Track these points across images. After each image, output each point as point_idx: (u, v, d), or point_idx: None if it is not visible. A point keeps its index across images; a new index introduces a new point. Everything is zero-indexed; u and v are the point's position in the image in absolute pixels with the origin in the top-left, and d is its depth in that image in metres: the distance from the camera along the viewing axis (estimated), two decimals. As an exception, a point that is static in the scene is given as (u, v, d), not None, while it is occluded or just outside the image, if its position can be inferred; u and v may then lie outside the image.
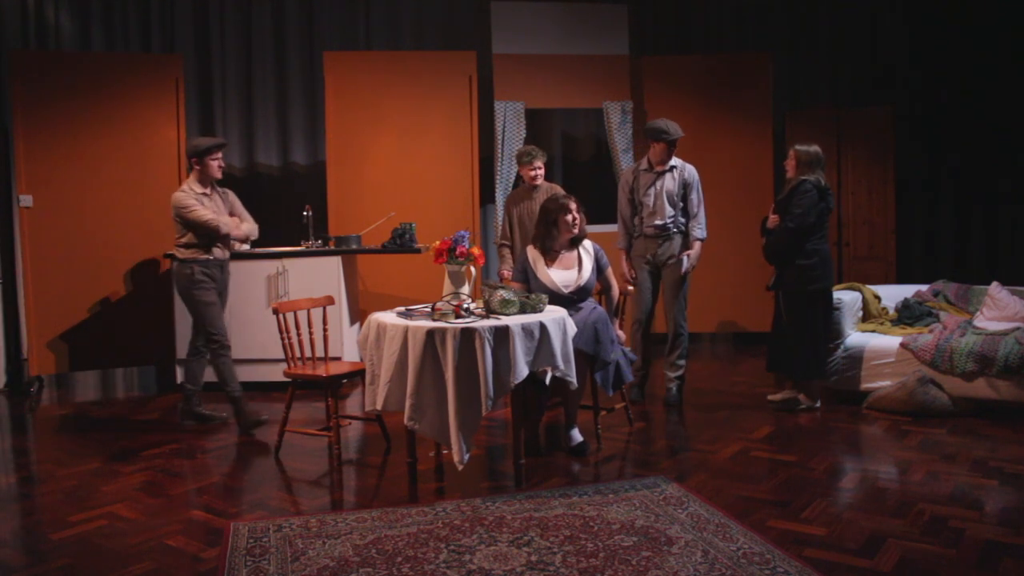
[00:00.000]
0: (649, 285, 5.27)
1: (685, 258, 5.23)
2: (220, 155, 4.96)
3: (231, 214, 5.07)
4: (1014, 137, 7.65)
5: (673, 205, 5.19)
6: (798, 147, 4.95)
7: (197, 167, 4.92)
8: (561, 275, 4.42)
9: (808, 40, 8.08)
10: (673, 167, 5.20)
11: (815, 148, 4.92)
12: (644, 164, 5.25)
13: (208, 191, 4.95)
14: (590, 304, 4.41)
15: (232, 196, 5.15)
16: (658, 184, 5.18)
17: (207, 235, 4.87)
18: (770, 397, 5.22)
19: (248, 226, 5.08)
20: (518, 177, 6.01)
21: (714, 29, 8.09)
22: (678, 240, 5.23)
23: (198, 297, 4.90)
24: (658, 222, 5.18)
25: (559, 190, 5.45)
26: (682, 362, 5.30)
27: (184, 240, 4.91)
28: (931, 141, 8.00)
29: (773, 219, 4.98)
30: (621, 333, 4.59)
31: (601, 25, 7.22)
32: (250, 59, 7.28)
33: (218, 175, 4.96)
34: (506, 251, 5.52)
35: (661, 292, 5.32)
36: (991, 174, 7.81)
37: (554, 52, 7.13)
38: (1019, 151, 7.65)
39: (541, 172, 5.42)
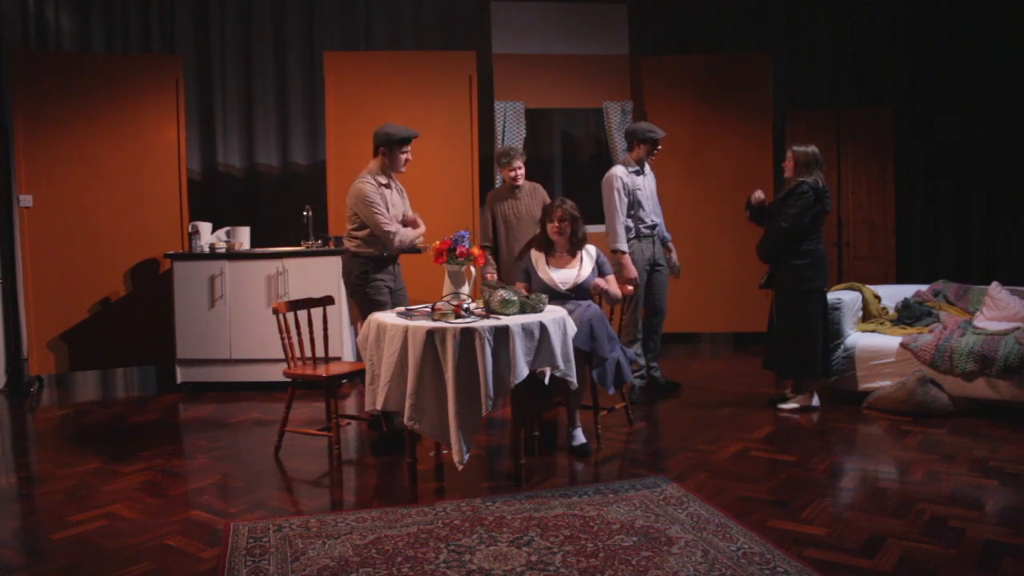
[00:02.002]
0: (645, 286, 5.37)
1: (677, 262, 5.56)
2: (409, 148, 4.59)
3: (404, 217, 4.67)
4: (1014, 137, 7.64)
5: (657, 204, 5.44)
6: (796, 148, 4.96)
7: (385, 156, 4.55)
8: (560, 273, 4.51)
9: (808, 40, 8.07)
10: (647, 168, 5.42)
11: (813, 148, 4.93)
12: (632, 166, 5.30)
13: (388, 182, 4.61)
14: (585, 302, 4.42)
15: (406, 194, 4.78)
16: (646, 184, 5.34)
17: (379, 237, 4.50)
18: (786, 392, 5.23)
19: (416, 232, 4.58)
20: None
21: (714, 29, 8.08)
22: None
23: (371, 296, 4.49)
24: (655, 220, 5.34)
25: (541, 189, 5.48)
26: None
27: (361, 234, 4.51)
28: (931, 141, 8.00)
29: (758, 196, 5.05)
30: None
31: (601, 25, 7.22)
32: (250, 59, 7.28)
33: (403, 169, 4.61)
34: (488, 253, 5.36)
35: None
36: (991, 174, 7.80)
37: (554, 52, 7.13)
38: (1019, 151, 7.65)
39: (521, 172, 5.39)
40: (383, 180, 4.58)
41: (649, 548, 3.03)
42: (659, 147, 5.32)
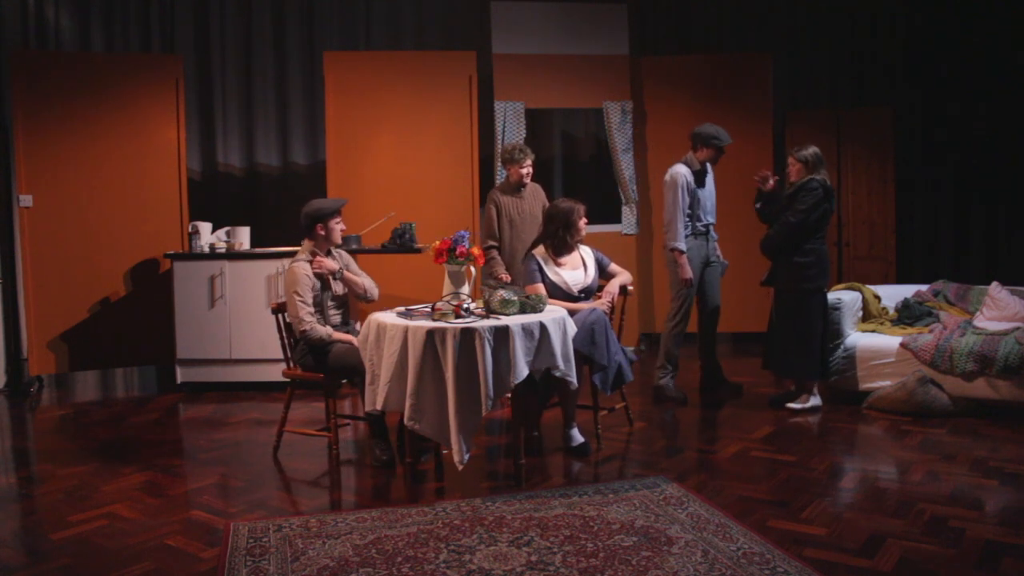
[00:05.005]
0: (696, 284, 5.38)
1: (724, 261, 5.54)
2: (341, 216, 4.40)
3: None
4: (1014, 137, 7.64)
5: (715, 205, 5.50)
6: (795, 152, 4.95)
7: (321, 233, 4.35)
8: (571, 275, 4.53)
9: (808, 40, 8.07)
10: (710, 169, 5.47)
11: (813, 149, 4.94)
12: (695, 165, 5.33)
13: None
14: (589, 307, 4.42)
15: (348, 258, 4.57)
16: (708, 184, 5.41)
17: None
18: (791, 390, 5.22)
19: (325, 331, 4.26)
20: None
21: (714, 29, 8.08)
22: None
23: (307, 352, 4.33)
24: (711, 220, 5.41)
25: (541, 190, 5.48)
26: None
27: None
28: (931, 141, 7.99)
29: (767, 181, 5.06)
30: None
31: (601, 25, 7.22)
32: (250, 59, 7.27)
33: (339, 240, 4.43)
34: (495, 252, 5.33)
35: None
36: (991, 174, 7.80)
37: (554, 52, 7.12)
38: (1019, 151, 7.64)
39: (531, 171, 5.39)
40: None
41: (649, 548, 3.03)
42: (723, 152, 5.36)
